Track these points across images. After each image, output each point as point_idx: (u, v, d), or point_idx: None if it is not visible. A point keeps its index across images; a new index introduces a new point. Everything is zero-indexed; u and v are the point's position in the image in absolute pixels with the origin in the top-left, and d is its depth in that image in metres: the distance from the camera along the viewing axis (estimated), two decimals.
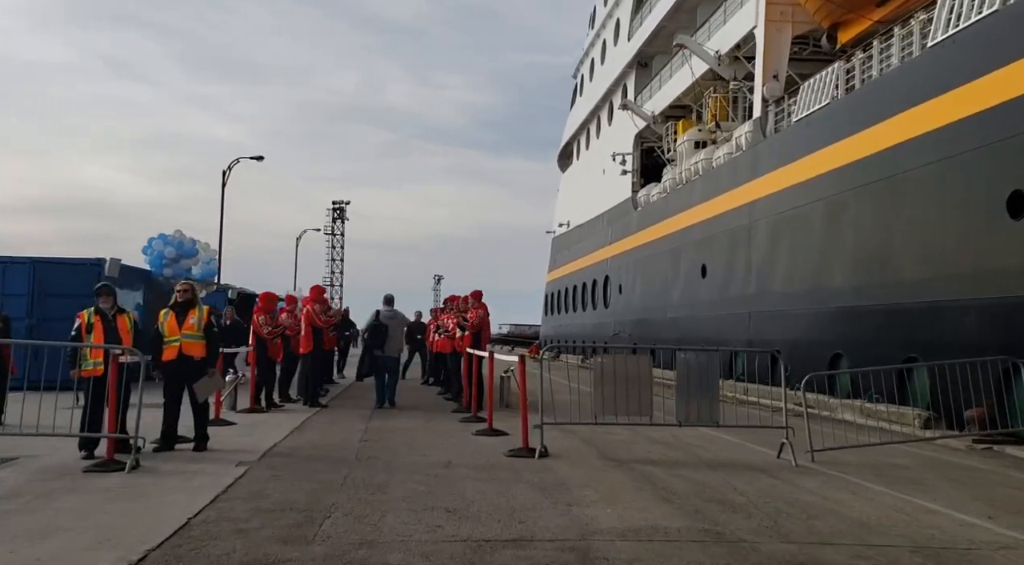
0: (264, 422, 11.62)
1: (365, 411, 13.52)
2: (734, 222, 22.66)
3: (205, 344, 8.75)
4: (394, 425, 11.40)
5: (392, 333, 14.85)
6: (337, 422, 11.81)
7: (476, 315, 13.67)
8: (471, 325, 13.60)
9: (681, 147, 28.67)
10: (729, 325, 22.96)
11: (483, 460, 8.42)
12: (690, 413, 8.77)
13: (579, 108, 45.57)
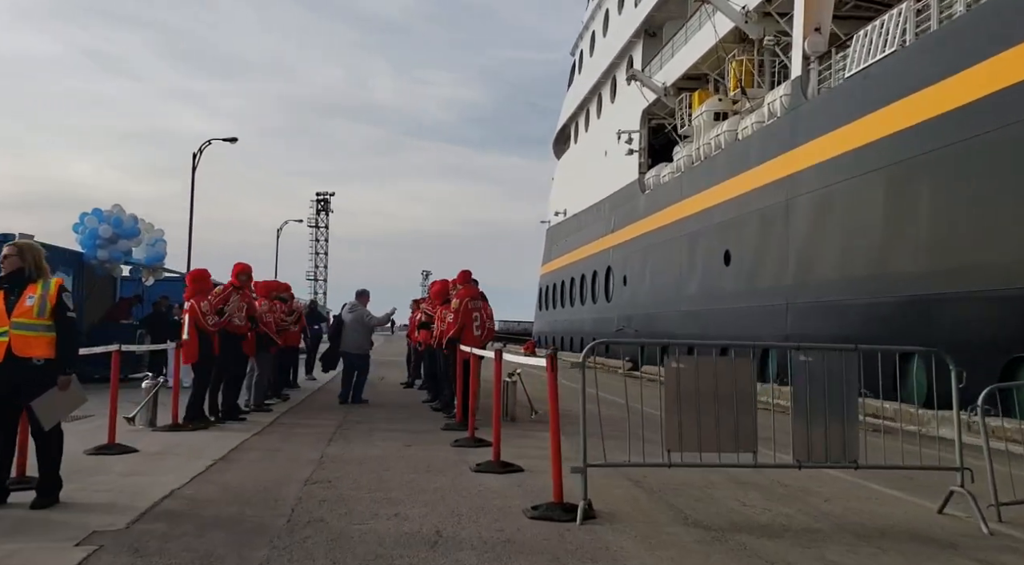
0: (179, 447, 8.42)
1: (327, 425, 10.35)
2: (767, 200, 19.58)
3: (52, 339, 5.55)
4: (360, 452, 8.23)
5: (348, 328, 13.63)
6: (283, 447, 8.62)
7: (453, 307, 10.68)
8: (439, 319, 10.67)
9: (698, 120, 25.56)
10: (760, 319, 19.88)
11: (493, 526, 5.27)
12: (813, 448, 5.62)
13: (578, 86, 42.41)
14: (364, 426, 10.32)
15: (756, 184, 20.23)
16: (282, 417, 11.37)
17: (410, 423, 10.80)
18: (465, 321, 10.53)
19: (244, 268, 11.06)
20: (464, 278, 10.93)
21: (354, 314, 13.93)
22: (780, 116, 19.51)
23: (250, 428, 9.98)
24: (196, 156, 40.29)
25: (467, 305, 10.54)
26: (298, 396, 14.60)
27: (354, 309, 13.98)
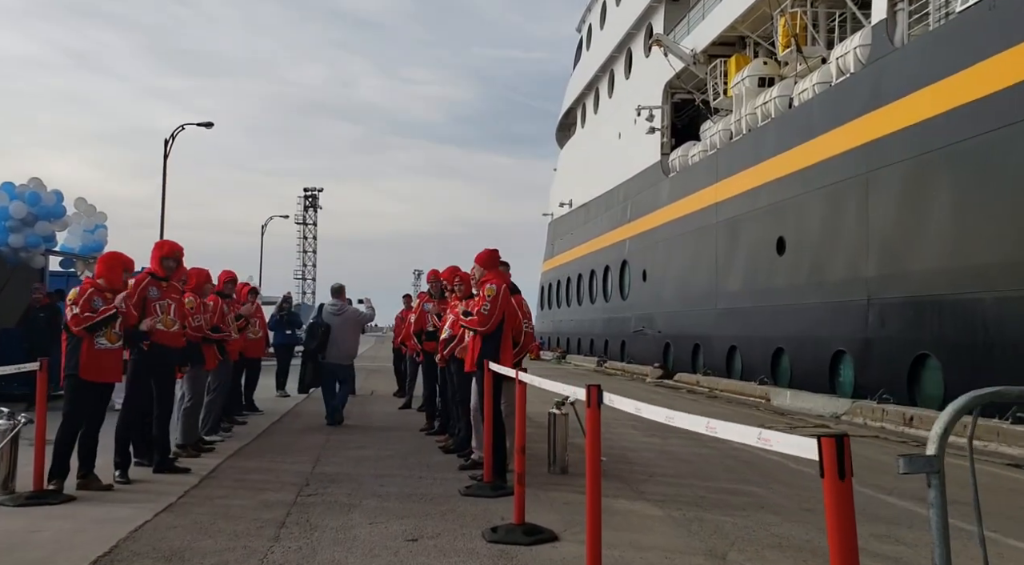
0: (19, 544, 4.89)
1: (283, 487, 6.82)
2: (838, 174, 16.14)
3: None
4: (335, 556, 4.71)
5: (336, 334, 11.19)
6: (195, 545, 5.06)
7: (484, 296, 7.03)
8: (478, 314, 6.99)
9: (738, 88, 22.10)
10: (828, 318, 16.44)
11: None
12: None
13: (586, 64, 38.91)
14: (342, 489, 6.77)
15: (822, 156, 16.77)
16: (225, 465, 7.83)
17: (411, 480, 7.25)
18: (513, 322, 7.11)
19: (170, 250, 7.49)
20: (490, 260, 7.40)
21: (344, 315, 11.44)
22: (855, 72, 16.05)
23: (161, 494, 6.43)
24: (168, 142, 37.05)
25: (507, 295, 7.04)
26: (258, 423, 11.04)
27: (341, 310, 11.49)
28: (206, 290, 8.49)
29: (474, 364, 6.91)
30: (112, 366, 6.55)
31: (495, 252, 7.36)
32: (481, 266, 7.45)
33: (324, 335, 11.19)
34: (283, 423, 11.31)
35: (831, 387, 16.18)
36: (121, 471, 6.94)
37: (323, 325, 11.29)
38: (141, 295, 7.06)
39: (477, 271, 7.50)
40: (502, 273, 7.31)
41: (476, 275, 7.50)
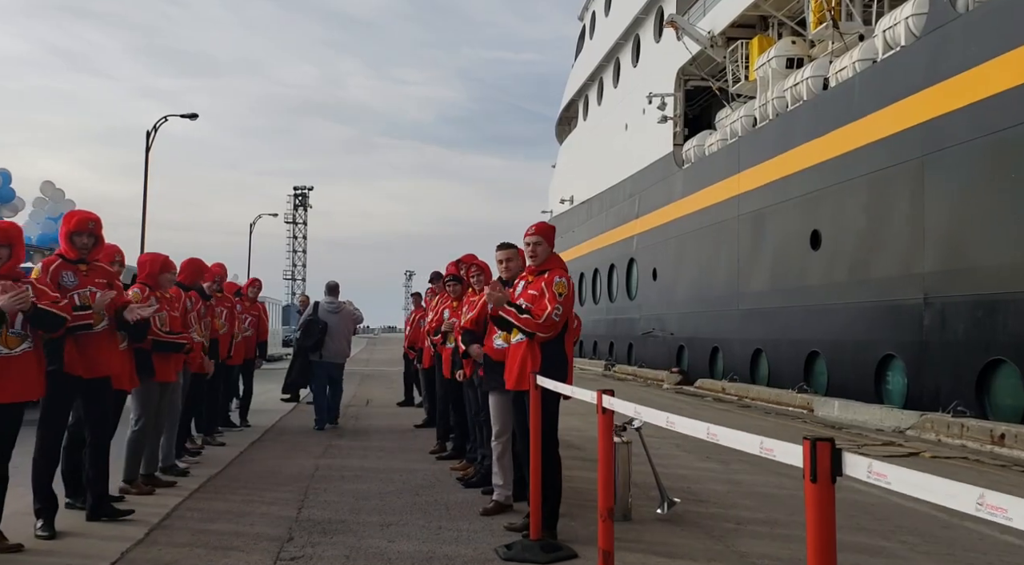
0: None
1: (270, 527, 5.12)
2: (885, 159, 14.51)
3: None
4: None
5: (333, 332, 11.06)
6: None
7: (554, 294, 5.13)
8: (546, 319, 5.13)
9: (763, 71, 20.44)
10: (874, 319, 14.80)
11: None
12: None
13: (588, 55, 37.22)
14: (337, 549, 5.03)
15: (866, 139, 15.13)
16: (184, 507, 6.09)
17: (428, 531, 5.51)
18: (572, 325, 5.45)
19: (79, 223, 5.58)
20: (553, 236, 5.57)
21: (341, 314, 11.25)
22: (906, 45, 14.41)
23: (89, 558, 4.70)
24: (150, 134, 35.30)
25: (573, 290, 5.30)
26: (236, 441, 9.28)
27: (339, 308, 11.25)
28: (164, 281, 6.72)
29: (526, 381, 5.07)
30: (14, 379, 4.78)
31: (546, 227, 5.58)
32: (545, 240, 5.41)
33: (322, 333, 10.89)
34: (265, 443, 9.55)
35: (877, 395, 14.55)
36: (43, 521, 5.21)
37: (320, 322, 10.92)
38: (53, 282, 5.31)
39: (540, 250, 5.36)
40: (557, 257, 5.57)
41: (538, 255, 5.38)
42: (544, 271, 5.36)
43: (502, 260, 5.93)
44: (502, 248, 5.97)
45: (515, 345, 5.31)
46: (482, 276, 6.82)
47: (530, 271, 5.46)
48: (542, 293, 5.21)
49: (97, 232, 5.59)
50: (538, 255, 5.40)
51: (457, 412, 8.15)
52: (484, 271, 6.86)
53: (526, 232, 5.48)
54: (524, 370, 5.15)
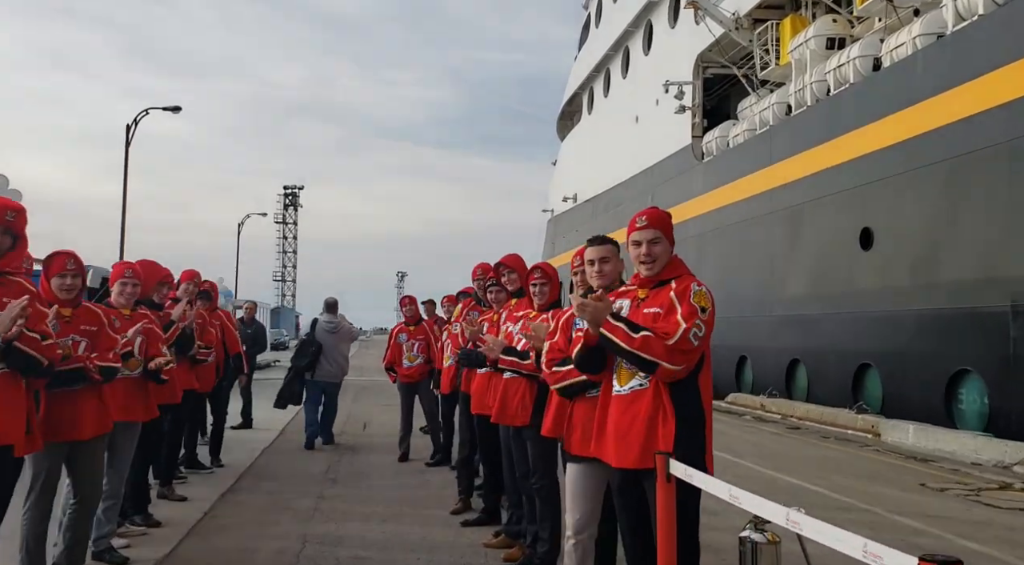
0: None
1: None
2: (962, 144, 12.65)
3: None
4: None
5: (329, 351, 10.70)
6: None
7: (694, 307, 3.21)
8: (680, 340, 3.19)
9: (799, 53, 18.59)
10: (943, 328, 12.94)
11: None
12: None
13: (593, 45, 35.32)
14: None
15: (933, 123, 13.26)
16: None
17: None
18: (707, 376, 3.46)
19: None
20: (666, 224, 3.68)
21: (340, 333, 11.00)
22: (985, 13, 12.55)
23: None
24: (130, 128, 33.37)
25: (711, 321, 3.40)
26: (201, 495, 7.30)
27: (337, 327, 10.92)
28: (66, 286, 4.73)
29: (648, 456, 3.15)
30: None
31: (658, 215, 3.67)
32: (664, 236, 3.60)
33: (315, 354, 10.56)
34: (239, 495, 7.57)
35: (948, 417, 12.68)
36: None
37: (315, 344, 10.61)
38: None
39: (658, 251, 3.57)
40: (680, 261, 3.66)
41: (655, 258, 3.57)
42: (666, 281, 3.46)
43: (594, 260, 3.98)
44: (597, 243, 4.03)
45: (625, 396, 3.38)
46: (547, 284, 4.89)
47: (641, 283, 3.55)
48: (670, 309, 3.33)
49: (15, 228, 3.82)
50: (655, 258, 3.51)
51: (487, 459, 6.22)
52: (551, 279, 4.92)
53: (632, 225, 3.57)
54: (646, 438, 3.23)
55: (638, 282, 3.57)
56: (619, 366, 3.43)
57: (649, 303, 3.43)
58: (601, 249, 4.09)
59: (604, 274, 4.05)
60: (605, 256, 4.10)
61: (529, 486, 4.90)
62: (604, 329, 3.26)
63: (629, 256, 3.69)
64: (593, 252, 4.09)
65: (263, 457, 9.64)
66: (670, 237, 3.61)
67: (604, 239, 4.22)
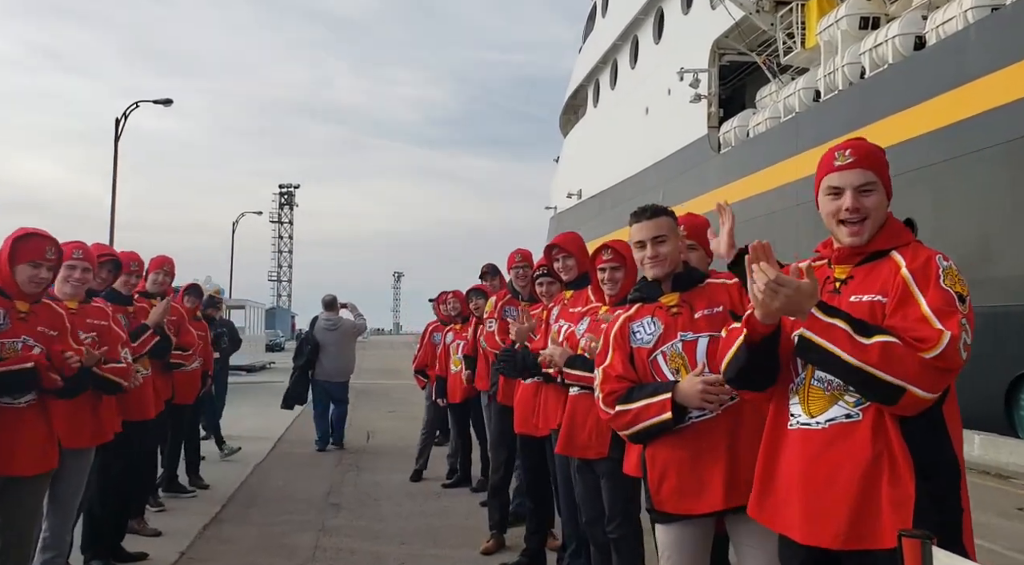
0: None
1: None
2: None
3: None
4: None
5: (328, 349, 10.40)
6: None
7: (930, 280, 2.11)
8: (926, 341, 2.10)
9: (828, 34, 17.46)
10: (1003, 329, 11.80)
11: None
12: None
13: (600, 35, 34.15)
14: None
15: (989, 103, 12.12)
16: None
17: None
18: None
19: None
20: (881, 162, 2.47)
21: (340, 329, 10.63)
22: None
23: None
24: (119, 122, 32.30)
25: None
26: (177, 529, 6.10)
27: (336, 324, 10.61)
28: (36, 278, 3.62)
29: (867, 531, 2.05)
30: None
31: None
32: (879, 177, 2.48)
33: (312, 353, 10.36)
34: (223, 527, 6.38)
35: (1009, 425, 11.55)
36: None
37: (311, 341, 10.42)
38: None
39: (873, 203, 2.47)
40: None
41: (865, 210, 2.43)
42: (883, 252, 2.29)
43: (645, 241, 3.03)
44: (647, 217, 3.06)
45: (820, 432, 2.20)
46: (621, 269, 3.74)
47: (841, 256, 2.41)
48: (904, 299, 2.18)
49: None
50: (866, 215, 2.38)
51: (535, 491, 5.05)
52: (627, 259, 3.75)
53: (829, 163, 2.40)
54: (859, 502, 2.11)
55: (836, 254, 2.41)
56: (801, 384, 2.26)
57: (858, 287, 2.29)
58: (654, 224, 3.03)
59: (662, 259, 2.96)
60: (661, 235, 3.00)
61: (601, 534, 3.73)
62: (810, 330, 2.11)
63: (822, 214, 2.52)
64: (643, 230, 3.04)
65: (255, 475, 8.46)
66: (887, 184, 2.46)
67: (657, 210, 3.10)
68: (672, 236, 3.04)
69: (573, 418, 3.82)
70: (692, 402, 2.76)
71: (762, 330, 2.25)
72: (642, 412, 2.81)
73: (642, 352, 2.97)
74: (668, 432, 2.79)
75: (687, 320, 2.96)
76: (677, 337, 2.94)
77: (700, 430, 2.79)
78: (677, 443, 2.80)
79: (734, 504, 2.65)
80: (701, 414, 2.78)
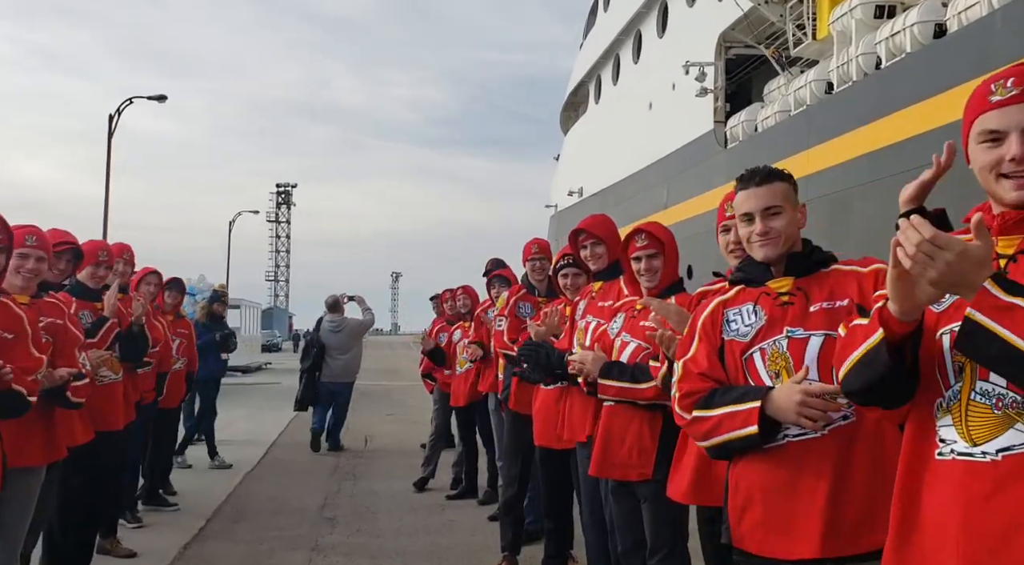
0: None
1: None
2: None
3: None
4: None
5: (333, 351, 10.41)
6: None
7: None
8: None
9: (841, 24, 16.90)
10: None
11: None
12: None
13: (601, 30, 33.64)
14: None
15: None
16: None
17: None
18: None
19: None
20: None
21: (344, 331, 10.63)
22: None
23: None
24: (113, 118, 31.86)
25: None
26: (155, 548, 5.52)
27: (340, 325, 10.61)
28: None
29: None
30: None
31: None
32: None
33: (317, 355, 10.39)
34: (205, 544, 5.80)
35: None
36: None
37: (317, 344, 10.46)
38: None
39: None
40: None
41: None
42: None
43: (753, 213, 2.39)
44: (758, 182, 2.45)
45: (991, 466, 1.60)
46: (659, 256, 3.17)
47: (1005, 224, 1.75)
48: None
49: None
50: None
51: (554, 510, 4.48)
52: (665, 243, 3.18)
53: (998, 76, 1.79)
54: None
55: (1000, 221, 1.78)
56: (955, 399, 1.66)
57: None
58: (766, 192, 2.38)
59: (775, 237, 2.35)
60: (775, 205, 2.37)
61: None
62: (981, 311, 1.49)
63: (975, 168, 1.90)
64: (752, 199, 2.39)
65: (244, 485, 7.88)
66: None
67: (771, 172, 2.47)
68: (788, 207, 2.40)
69: (609, 432, 3.23)
70: (786, 416, 2.16)
71: (901, 329, 1.65)
72: (724, 421, 2.24)
73: (735, 347, 2.36)
74: (757, 450, 2.23)
75: (799, 313, 2.31)
76: (783, 332, 2.30)
77: (798, 453, 2.19)
78: (768, 466, 2.22)
79: (835, 553, 2.08)
80: (801, 433, 2.20)
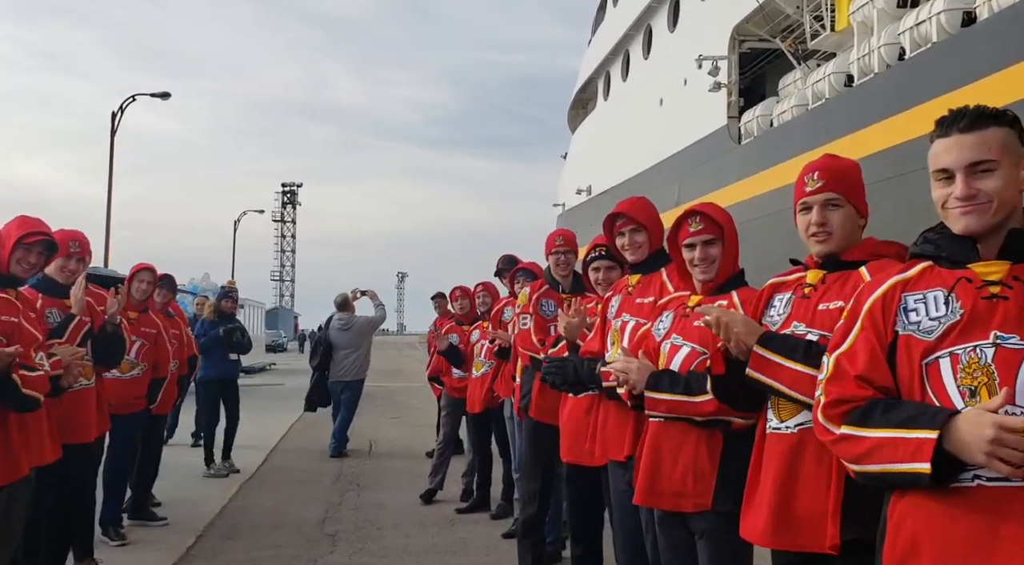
0: None
1: None
2: None
3: None
4: None
5: (341, 349, 10.18)
6: None
7: None
8: None
9: (861, 14, 16.40)
10: None
11: None
12: None
13: (610, 26, 33.09)
14: None
15: None
16: None
17: None
18: None
19: None
20: None
21: (353, 329, 10.28)
22: None
23: None
24: (116, 116, 31.43)
25: None
26: None
27: (349, 323, 10.25)
28: None
29: None
30: None
31: None
32: None
33: (325, 354, 10.23)
34: (196, 562, 5.31)
35: None
36: None
37: (324, 342, 10.33)
38: None
39: None
40: None
41: None
42: None
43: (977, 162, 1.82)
44: (971, 126, 1.80)
45: None
46: (716, 243, 2.70)
47: None
48: None
49: None
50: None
51: (583, 533, 3.98)
52: (724, 228, 2.70)
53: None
54: None
55: None
56: None
57: None
58: (977, 141, 1.81)
59: (983, 203, 1.83)
60: (988, 160, 1.82)
61: None
62: None
63: None
64: (955, 149, 1.83)
65: (241, 496, 7.39)
66: None
67: (982, 114, 1.84)
68: (1007, 161, 1.80)
69: (658, 454, 2.71)
70: (972, 455, 1.62)
71: None
72: (884, 447, 1.71)
73: (915, 346, 1.80)
74: (928, 488, 1.69)
75: (1016, 312, 1.73)
76: (989, 337, 1.73)
77: (992, 501, 1.65)
78: (947, 509, 1.69)
79: None
80: (1000, 476, 1.63)
